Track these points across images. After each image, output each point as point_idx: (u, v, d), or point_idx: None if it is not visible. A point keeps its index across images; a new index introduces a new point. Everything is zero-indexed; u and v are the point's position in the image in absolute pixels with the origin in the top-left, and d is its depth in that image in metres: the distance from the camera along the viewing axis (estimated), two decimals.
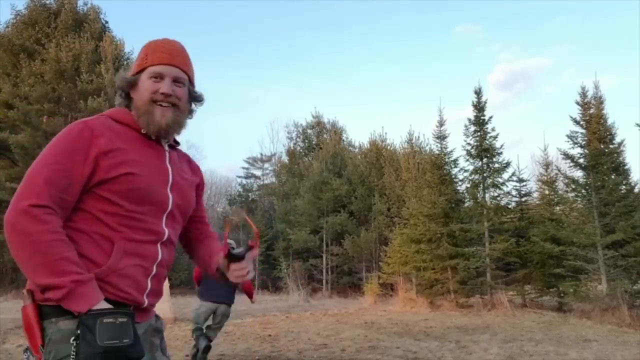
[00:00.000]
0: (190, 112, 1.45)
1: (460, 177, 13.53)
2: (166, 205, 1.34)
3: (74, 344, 1.14)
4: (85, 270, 1.18)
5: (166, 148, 1.40)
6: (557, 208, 12.68)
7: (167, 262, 1.36)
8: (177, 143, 1.48)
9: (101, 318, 1.14)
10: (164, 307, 9.62)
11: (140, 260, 1.27)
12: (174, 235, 1.39)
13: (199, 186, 1.55)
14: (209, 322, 5.52)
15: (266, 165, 32.56)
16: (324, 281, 20.63)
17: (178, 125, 1.38)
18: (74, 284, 1.14)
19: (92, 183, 1.23)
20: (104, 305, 1.17)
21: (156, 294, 1.35)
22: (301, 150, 29.09)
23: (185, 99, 1.38)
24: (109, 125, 1.30)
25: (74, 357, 1.12)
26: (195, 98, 1.44)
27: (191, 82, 1.42)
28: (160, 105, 1.33)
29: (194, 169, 1.55)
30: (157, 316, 1.44)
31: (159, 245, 1.32)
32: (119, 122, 1.33)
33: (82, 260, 1.19)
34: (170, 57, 1.36)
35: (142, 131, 1.34)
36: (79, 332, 1.14)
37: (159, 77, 1.34)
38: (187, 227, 1.54)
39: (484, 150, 12.59)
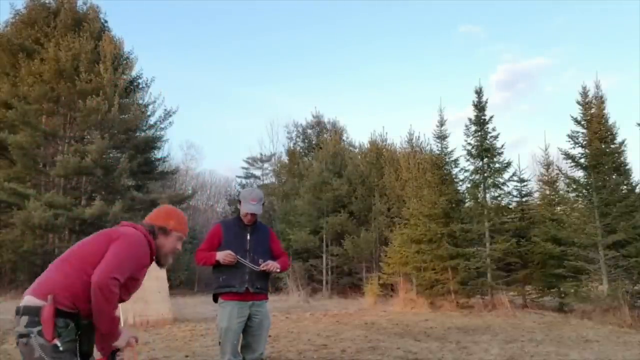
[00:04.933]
0: None
1: (461, 177, 13.51)
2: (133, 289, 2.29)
3: (77, 334, 1.98)
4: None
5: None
6: (558, 208, 12.64)
7: None
8: None
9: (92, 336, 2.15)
10: (164, 307, 9.59)
11: None
12: None
13: None
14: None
15: (266, 165, 32.57)
16: (324, 281, 20.58)
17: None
18: (118, 332, 2.10)
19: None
20: (121, 341, 2.15)
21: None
22: (301, 150, 29.03)
23: None
24: (149, 249, 2.25)
25: (72, 340, 1.96)
26: None
27: None
28: (172, 255, 2.44)
29: None
30: None
31: None
32: (151, 249, 2.28)
33: None
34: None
35: (153, 261, 2.34)
36: (78, 331, 1.98)
37: (180, 241, 2.47)
38: None
39: (484, 150, 12.55)
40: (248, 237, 3.64)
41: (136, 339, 2.20)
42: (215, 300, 3.63)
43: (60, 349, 1.88)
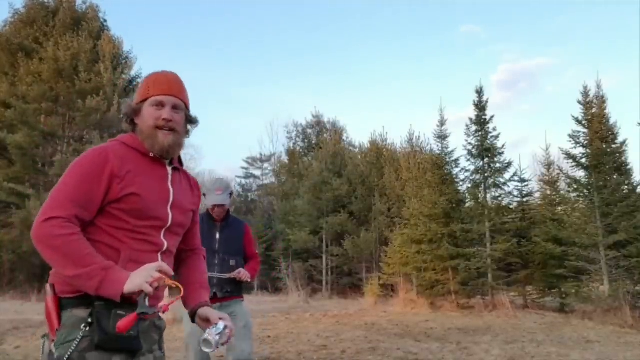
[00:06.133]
0: (187, 133, 1.67)
1: (462, 177, 13.50)
2: (165, 221, 1.54)
3: (84, 330, 1.37)
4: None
5: (169, 169, 1.60)
6: (559, 208, 12.64)
7: None
8: (181, 164, 1.68)
9: (115, 310, 1.38)
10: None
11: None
12: (172, 246, 1.60)
13: (196, 211, 1.75)
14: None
15: (266, 165, 32.51)
16: (324, 282, 20.55)
17: (178, 147, 1.59)
18: (103, 271, 1.35)
19: (105, 202, 1.45)
20: (131, 283, 1.35)
21: (156, 297, 1.53)
22: (301, 150, 29.03)
23: (182, 123, 1.60)
24: (122, 150, 1.52)
25: (78, 340, 1.36)
26: (190, 121, 1.66)
27: (187, 107, 1.63)
28: (162, 129, 1.54)
29: (195, 190, 1.75)
30: (159, 316, 1.62)
31: (159, 254, 1.54)
32: (129, 146, 1.55)
33: None
34: (169, 88, 1.58)
35: (150, 154, 1.56)
36: (90, 320, 1.37)
37: (160, 105, 1.55)
38: (179, 252, 1.73)
39: (485, 150, 12.53)
40: (217, 235, 3.30)
41: (162, 271, 1.41)
42: None
43: (55, 356, 1.37)
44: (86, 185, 1.42)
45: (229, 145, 57.33)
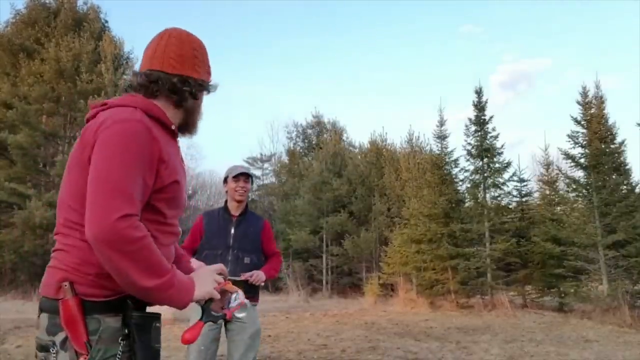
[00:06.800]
0: None
1: (461, 177, 13.56)
2: (184, 207, 1.35)
3: (122, 344, 1.16)
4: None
5: (179, 144, 1.42)
6: (558, 208, 12.68)
7: None
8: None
9: (155, 322, 1.24)
10: (162, 307, 9.59)
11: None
12: None
13: None
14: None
15: (266, 165, 32.52)
16: (324, 281, 20.58)
17: None
18: (175, 279, 1.16)
19: (152, 191, 1.21)
20: (200, 290, 1.24)
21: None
22: (301, 150, 29.05)
23: None
24: (150, 123, 1.25)
25: (119, 357, 1.15)
26: None
27: None
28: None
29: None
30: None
31: (173, 246, 1.38)
32: (153, 117, 1.27)
33: None
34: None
35: (172, 127, 1.33)
36: (126, 331, 1.17)
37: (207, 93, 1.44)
38: None
39: (484, 150, 12.58)
40: (232, 230, 3.08)
41: (223, 274, 1.36)
42: None
43: None
44: (139, 171, 1.15)
45: (229, 145, 57.36)
